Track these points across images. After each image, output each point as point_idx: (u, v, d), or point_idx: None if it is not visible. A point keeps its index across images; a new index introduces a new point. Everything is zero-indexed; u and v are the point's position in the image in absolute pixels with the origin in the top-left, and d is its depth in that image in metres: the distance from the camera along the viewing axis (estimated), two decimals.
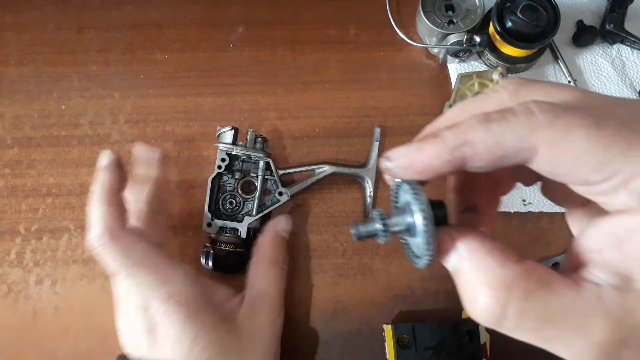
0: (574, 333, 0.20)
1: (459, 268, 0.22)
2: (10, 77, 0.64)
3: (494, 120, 0.21)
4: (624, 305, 0.20)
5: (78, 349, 0.55)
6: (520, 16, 0.57)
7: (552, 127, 0.20)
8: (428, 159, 0.23)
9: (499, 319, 0.21)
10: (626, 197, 0.20)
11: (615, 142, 0.19)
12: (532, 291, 0.21)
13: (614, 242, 0.21)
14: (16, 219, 0.59)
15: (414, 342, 0.50)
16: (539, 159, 0.21)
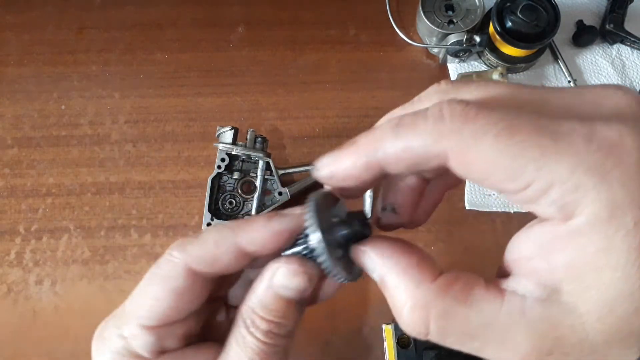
0: (497, 346, 0.20)
1: (382, 281, 0.22)
2: (11, 77, 0.64)
3: (404, 125, 0.20)
4: (549, 318, 0.19)
5: (78, 349, 0.54)
6: (520, 16, 0.57)
7: (459, 133, 0.19)
8: (346, 168, 0.22)
9: (423, 334, 0.21)
10: (547, 207, 0.19)
11: (526, 150, 0.18)
12: (450, 310, 0.20)
13: (541, 251, 0.20)
14: (16, 219, 0.59)
15: (414, 342, 0.50)
16: (453, 167, 0.20)
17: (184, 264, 0.24)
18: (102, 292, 0.56)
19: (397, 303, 0.21)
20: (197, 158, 0.61)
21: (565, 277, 0.19)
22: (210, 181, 0.54)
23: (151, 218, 0.59)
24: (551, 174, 0.18)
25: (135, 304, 0.25)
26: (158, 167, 0.60)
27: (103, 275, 0.57)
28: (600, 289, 0.19)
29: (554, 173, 0.18)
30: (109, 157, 0.61)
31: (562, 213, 0.19)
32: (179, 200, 0.59)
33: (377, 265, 0.22)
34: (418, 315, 0.21)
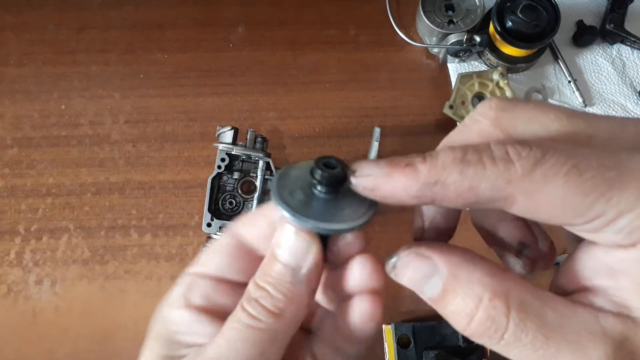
0: (572, 353, 0.19)
1: (444, 289, 0.20)
2: (10, 77, 0.64)
3: (471, 163, 0.20)
4: (622, 331, 0.19)
5: (78, 349, 0.54)
6: (520, 16, 0.57)
7: (530, 177, 0.19)
8: (394, 189, 0.21)
9: (501, 331, 0.19)
10: (612, 235, 0.20)
11: (595, 186, 0.19)
12: (529, 302, 0.20)
13: (607, 272, 0.20)
14: (16, 219, 0.59)
15: (414, 342, 0.50)
16: (516, 208, 0.20)
17: (234, 231, 0.26)
18: (102, 292, 0.56)
19: (471, 300, 0.20)
20: (197, 158, 0.61)
21: (635, 295, 0.20)
22: (210, 181, 0.54)
23: (151, 218, 0.59)
24: (619, 205, 0.19)
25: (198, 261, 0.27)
26: (158, 167, 0.60)
27: (103, 275, 0.57)
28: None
29: (622, 204, 0.19)
30: (109, 157, 0.61)
31: (629, 239, 0.19)
32: (179, 200, 0.59)
33: (441, 263, 0.21)
34: (499, 306, 0.19)
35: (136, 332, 0.52)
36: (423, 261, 0.21)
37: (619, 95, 0.63)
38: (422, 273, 0.21)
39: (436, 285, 0.21)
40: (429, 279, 0.21)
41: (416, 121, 0.62)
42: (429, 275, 0.21)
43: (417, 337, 0.50)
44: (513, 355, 0.20)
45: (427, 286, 0.21)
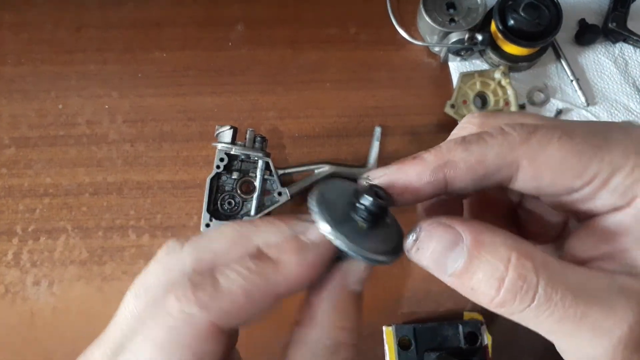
0: (602, 310, 0.19)
1: (468, 258, 0.20)
2: (8, 77, 0.63)
3: (472, 141, 0.22)
4: (639, 288, 0.20)
5: (75, 350, 0.54)
6: (522, 14, 0.56)
7: (528, 142, 0.21)
8: (408, 179, 0.22)
9: (532, 291, 0.19)
10: (608, 197, 0.21)
11: (586, 148, 0.21)
12: (551, 262, 0.20)
13: (610, 238, 0.21)
14: (13, 220, 0.58)
15: (415, 344, 0.49)
16: (521, 176, 0.21)
17: (208, 323, 0.20)
18: (100, 293, 0.56)
19: (499, 260, 0.20)
20: (195, 158, 0.60)
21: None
22: (209, 181, 0.53)
23: (149, 218, 0.58)
24: (611, 164, 0.21)
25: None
26: (156, 167, 0.60)
27: (101, 276, 0.56)
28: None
29: (613, 163, 0.20)
30: (107, 157, 0.60)
31: (624, 198, 0.21)
32: (178, 200, 0.59)
33: (465, 231, 0.21)
34: (528, 264, 0.19)
35: None
36: (447, 229, 0.21)
37: (622, 95, 0.62)
38: (446, 242, 0.21)
39: (461, 255, 0.20)
40: (452, 249, 0.21)
41: (417, 120, 0.61)
42: (453, 245, 0.21)
43: (417, 339, 0.50)
44: (544, 319, 0.19)
45: (450, 259, 0.21)
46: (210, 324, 0.20)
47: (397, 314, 0.55)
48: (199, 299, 0.20)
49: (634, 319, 0.19)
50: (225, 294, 0.20)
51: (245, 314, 0.20)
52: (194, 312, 0.20)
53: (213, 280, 0.20)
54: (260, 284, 0.20)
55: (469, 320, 0.51)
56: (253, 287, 0.20)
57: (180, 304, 0.20)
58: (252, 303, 0.20)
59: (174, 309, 0.20)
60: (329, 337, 0.21)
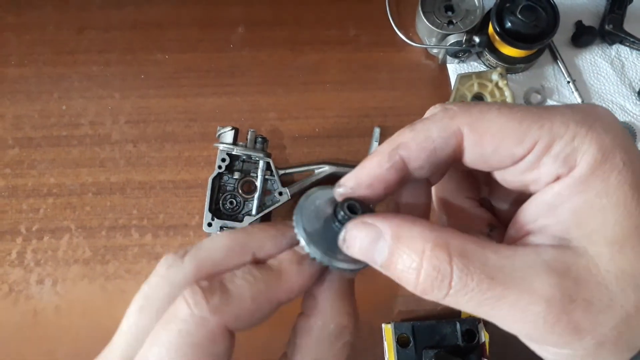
0: (519, 288, 0.20)
1: (390, 251, 0.21)
2: (11, 78, 0.64)
3: (417, 122, 0.23)
4: (563, 260, 0.20)
5: (78, 349, 0.55)
6: (519, 17, 0.57)
7: (469, 112, 0.22)
8: (371, 170, 0.23)
9: (447, 279, 0.20)
10: (551, 165, 0.21)
11: (526, 116, 0.22)
12: (469, 249, 0.20)
13: (547, 209, 0.22)
14: (17, 219, 0.59)
15: (413, 341, 0.50)
16: (466, 144, 0.22)
17: (220, 326, 0.21)
18: (103, 292, 0.56)
19: (414, 252, 0.21)
20: (197, 158, 0.61)
21: (572, 224, 0.21)
22: (210, 181, 0.54)
23: (152, 218, 0.59)
24: (551, 131, 0.21)
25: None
26: (158, 167, 0.60)
27: (104, 275, 0.57)
28: (607, 229, 0.20)
29: (554, 130, 0.21)
30: (110, 157, 0.61)
31: (566, 165, 0.21)
32: (180, 200, 0.59)
33: (384, 227, 0.22)
34: (441, 255, 0.20)
35: None
36: (368, 227, 0.22)
37: (618, 96, 0.63)
38: (369, 239, 0.22)
39: (383, 248, 0.22)
40: (376, 244, 0.22)
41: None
42: (375, 240, 0.22)
43: (416, 336, 0.50)
44: (464, 303, 0.21)
45: (377, 252, 0.22)
46: (221, 327, 0.21)
47: (396, 312, 0.56)
48: (211, 303, 0.21)
49: (551, 293, 0.20)
50: (235, 298, 0.21)
51: (251, 317, 0.22)
52: (206, 316, 0.21)
53: (222, 286, 0.22)
54: (265, 290, 0.22)
55: (467, 318, 0.51)
56: (259, 294, 0.22)
57: (192, 309, 0.21)
58: (258, 308, 0.22)
59: (186, 314, 0.21)
60: (332, 323, 0.23)
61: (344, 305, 0.24)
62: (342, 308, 0.24)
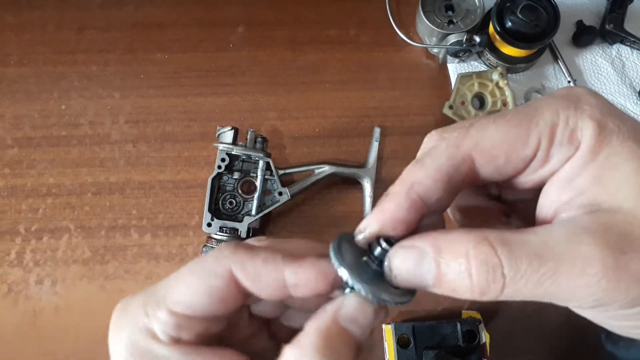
0: (569, 257, 0.20)
1: (437, 264, 0.22)
2: (11, 77, 0.64)
3: (423, 157, 0.24)
4: (601, 220, 0.21)
5: (78, 349, 0.55)
6: (520, 16, 0.57)
7: (470, 136, 0.23)
8: (392, 214, 0.23)
9: (499, 270, 0.20)
10: (559, 151, 0.22)
11: (520, 119, 0.23)
12: (508, 237, 0.21)
13: (567, 185, 0.23)
14: (16, 219, 0.59)
15: (413, 342, 0.50)
16: (479, 164, 0.23)
17: (229, 268, 0.24)
18: (103, 292, 0.56)
19: (459, 257, 0.21)
20: (197, 158, 0.61)
21: (596, 190, 0.22)
22: (210, 181, 0.54)
23: (151, 218, 0.59)
24: (546, 122, 0.22)
25: (170, 287, 0.24)
26: (158, 167, 0.60)
27: (103, 275, 0.57)
28: (630, 181, 0.21)
29: (547, 121, 0.22)
30: (109, 157, 0.61)
31: (572, 146, 0.22)
32: (179, 200, 0.59)
33: (424, 245, 0.22)
34: (485, 248, 0.21)
35: None
36: (409, 250, 0.23)
37: (619, 96, 0.63)
38: (413, 260, 0.22)
39: (430, 264, 0.22)
40: (422, 264, 0.22)
41: (416, 121, 0.62)
42: (419, 259, 0.22)
43: (417, 337, 0.50)
44: (524, 289, 0.21)
45: (424, 270, 0.22)
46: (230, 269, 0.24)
47: (396, 312, 0.56)
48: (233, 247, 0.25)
49: (602, 252, 0.20)
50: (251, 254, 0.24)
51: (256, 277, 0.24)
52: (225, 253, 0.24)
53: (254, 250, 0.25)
54: (279, 262, 0.24)
55: (467, 318, 0.51)
56: (271, 261, 0.24)
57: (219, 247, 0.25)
58: (265, 271, 0.24)
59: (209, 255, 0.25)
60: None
61: (324, 347, 0.22)
62: (322, 350, 0.21)
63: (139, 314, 0.24)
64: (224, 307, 0.24)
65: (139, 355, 0.24)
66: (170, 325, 0.24)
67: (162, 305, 0.24)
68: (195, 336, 0.24)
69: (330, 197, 0.59)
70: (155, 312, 0.24)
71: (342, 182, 0.59)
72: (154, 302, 0.24)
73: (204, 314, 0.24)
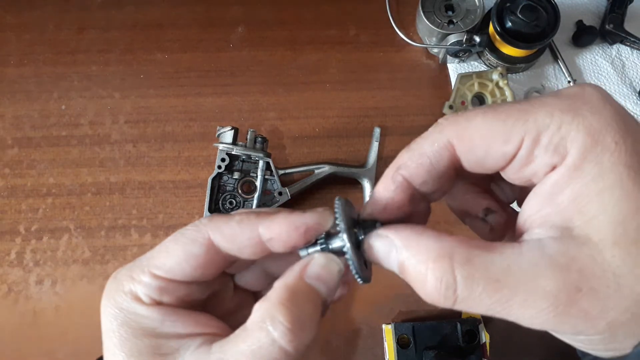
0: (526, 288, 0.20)
1: (401, 260, 0.23)
2: (11, 77, 0.64)
3: (412, 143, 0.25)
4: (566, 252, 0.20)
5: (78, 349, 0.55)
6: (520, 16, 0.57)
7: (456, 123, 0.23)
8: (380, 195, 0.25)
9: (452, 288, 0.21)
10: (543, 156, 0.21)
11: (510, 114, 0.22)
12: (474, 255, 0.21)
13: (547, 199, 0.22)
14: (16, 219, 0.59)
15: (413, 342, 0.50)
16: (459, 152, 0.23)
17: (207, 234, 0.25)
18: (103, 291, 0.56)
19: (420, 266, 0.22)
20: (197, 158, 0.61)
21: (573, 212, 0.21)
22: (210, 181, 0.54)
23: (151, 218, 0.59)
24: (536, 123, 0.21)
25: (154, 254, 0.26)
26: (158, 167, 0.60)
27: (103, 275, 0.57)
28: (607, 213, 0.20)
29: (538, 122, 0.21)
30: (109, 157, 0.61)
31: (557, 155, 0.21)
32: (179, 200, 0.59)
33: (396, 239, 0.23)
34: (444, 265, 0.21)
35: None
36: (382, 240, 0.24)
37: (619, 96, 0.63)
38: (383, 250, 0.24)
39: (395, 258, 0.23)
40: (390, 254, 0.23)
41: (416, 121, 0.62)
42: (389, 250, 0.23)
43: (416, 337, 0.50)
44: (474, 308, 0.21)
45: (392, 260, 0.23)
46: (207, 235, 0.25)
47: (397, 313, 0.56)
48: (210, 218, 0.26)
49: (557, 287, 0.20)
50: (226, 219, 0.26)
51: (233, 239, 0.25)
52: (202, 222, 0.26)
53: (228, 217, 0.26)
54: (252, 220, 0.25)
55: (467, 318, 0.51)
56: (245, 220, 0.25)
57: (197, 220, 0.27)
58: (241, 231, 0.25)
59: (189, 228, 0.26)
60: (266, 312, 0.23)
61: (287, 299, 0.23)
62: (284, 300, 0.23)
63: (125, 279, 0.26)
64: (204, 272, 0.26)
65: (123, 316, 0.25)
66: (152, 288, 0.25)
67: (146, 270, 0.25)
68: (177, 300, 0.26)
69: (330, 197, 0.59)
70: (139, 276, 0.25)
71: (342, 182, 0.59)
72: (139, 268, 0.26)
73: (185, 278, 0.25)
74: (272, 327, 0.22)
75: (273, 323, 0.22)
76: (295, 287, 0.24)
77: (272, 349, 0.22)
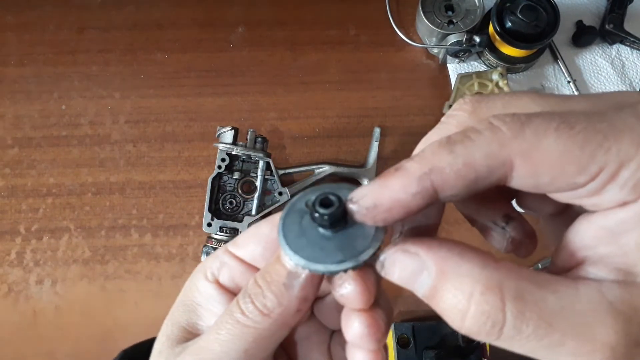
0: (580, 335, 0.18)
1: (434, 286, 0.19)
2: (11, 78, 0.64)
3: (457, 141, 0.19)
4: (630, 301, 0.18)
5: (78, 349, 0.55)
6: (519, 16, 0.57)
7: (521, 136, 0.18)
8: (394, 194, 0.19)
9: (498, 326, 0.18)
10: (617, 192, 0.18)
11: (590, 138, 0.18)
12: (525, 290, 0.18)
13: (609, 237, 0.19)
14: (16, 219, 0.59)
15: (413, 342, 0.50)
16: (517, 174, 0.19)
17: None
18: (103, 291, 0.56)
19: (462, 295, 0.18)
20: (197, 158, 0.61)
21: (639, 258, 0.19)
22: (210, 181, 0.54)
23: (151, 218, 0.59)
24: (619, 154, 0.18)
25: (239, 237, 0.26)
26: (158, 167, 0.60)
27: (103, 275, 0.57)
28: None
29: (622, 153, 0.18)
30: (110, 157, 0.61)
31: (635, 193, 0.18)
32: (179, 200, 0.59)
33: (429, 260, 0.19)
34: (492, 299, 0.18)
35: (137, 331, 0.52)
36: (410, 258, 0.20)
37: None
38: (410, 270, 0.20)
39: (426, 282, 0.19)
40: (418, 276, 0.20)
41: (416, 121, 0.62)
42: (417, 272, 0.20)
43: (416, 337, 0.50)
44: (517, 348, 0.19)
45: (418, 283, 0.20)
46: None
47: (396, 312, 0.56)
48: None
49: (616, 340, 0.18)
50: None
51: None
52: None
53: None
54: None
55: None
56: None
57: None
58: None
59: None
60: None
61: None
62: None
63: (210, 258, 0.26)
64: (265, 258, 0.25)
65: (187, 289, 0.26)
66: (218, 261, 0.25)
67: (224, 248, 0.26)
68: (232, 282, 0.26)
69: None
70: (219, 254, 0.26)
71: (342, 182, 0.59)
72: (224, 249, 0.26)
73: (248, 258, 0.25)
74: None
75: None
76: (269, 265, 0.23)
77: None
